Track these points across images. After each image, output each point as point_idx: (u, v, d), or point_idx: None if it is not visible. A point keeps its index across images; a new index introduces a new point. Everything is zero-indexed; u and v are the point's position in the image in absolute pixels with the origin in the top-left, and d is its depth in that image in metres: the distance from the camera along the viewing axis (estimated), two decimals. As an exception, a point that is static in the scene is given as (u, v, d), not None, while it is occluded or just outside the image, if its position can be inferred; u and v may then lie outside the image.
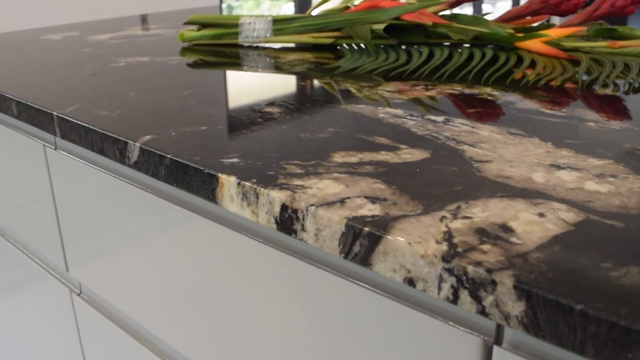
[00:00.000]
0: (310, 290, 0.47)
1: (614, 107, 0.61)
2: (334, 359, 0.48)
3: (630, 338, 0.29)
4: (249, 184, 0.45)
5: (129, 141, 0.55)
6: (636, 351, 0.29)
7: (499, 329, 0.38)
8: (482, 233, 0.37)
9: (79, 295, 0.81)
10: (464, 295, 0.34)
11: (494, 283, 0.33)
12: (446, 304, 0.40)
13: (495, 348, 0.37)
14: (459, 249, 0.35)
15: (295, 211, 0.42)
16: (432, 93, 0.66)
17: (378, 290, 0.42)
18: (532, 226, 0.37)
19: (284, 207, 0.42)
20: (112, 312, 0.77)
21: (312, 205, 0.41)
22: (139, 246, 0.64)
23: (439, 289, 0.35)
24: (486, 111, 0.60)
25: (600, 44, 0.80)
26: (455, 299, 0.35)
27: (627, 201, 0.41)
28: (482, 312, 0.34)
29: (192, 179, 0.50)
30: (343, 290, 0.44)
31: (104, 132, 0.58)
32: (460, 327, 0.39)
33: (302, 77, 0.76)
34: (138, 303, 0.68)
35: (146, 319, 0.68)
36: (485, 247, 0.35)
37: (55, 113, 0.64)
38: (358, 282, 0.43)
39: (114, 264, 0.70)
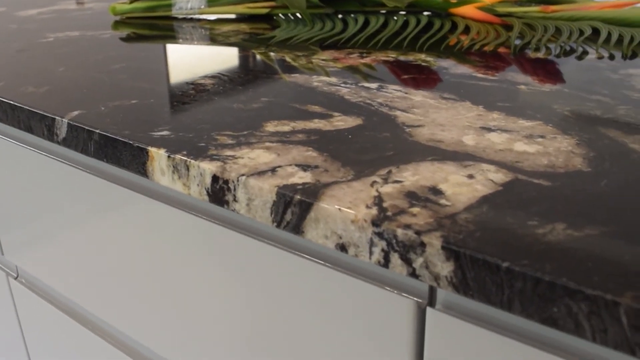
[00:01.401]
0: (246, 260, 0.47)
1: (545, 70, 0.62)
2: (271, 328, 0.47)
3: (555, 292, 0.30)
4: (179, 157, 0.44)
5: (57, 117, 0.53)
6: (561, 305, 0.30)
7: (432, 290, 0.38)
8: (412, 196, 0.37)
9: (15, 279, 0.79)
10: (395, 258, 0.34)
11: (423, 245, 0.33)
12: (382, 268, 0.40)
13: (429, 310, 0.37)
14: (389, 213, 0.35)
15: (226, 182, 0.41)
16: (366, 60, 0.66)
17: (314, 258, 0.42)
18: (462, 188, 0.38)
19: (215, 179, 0.42)
20: (50, 295, 0.75)
21: (242, 175, 0.40)
22: (74, 226, 0.63)
23: (370, 253, 0.35)
24: (420, 77, 0.60)
25: (533, 9, 0.81)
26: (386, 262, 0.35)
27: (555, 160, 0.41)
28: (413, 274, 0.34)
29: (122, 154, 0.48)
30: (278, 259, 0.44)
31: (30, 109, 0.56)
32: (394, 291, 0.39)
33: (236, 48, 0.75)
34: (76, 283, 0.67)
35: (85, 299, 0.67)
36: (415, 210, 0.35)
37: (-21, 91, 0.62)
38: (293, 251, 0.43)
39: (50, 244, 0.68)
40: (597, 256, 0.31)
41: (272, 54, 0.71)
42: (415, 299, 0.38)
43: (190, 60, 0.70)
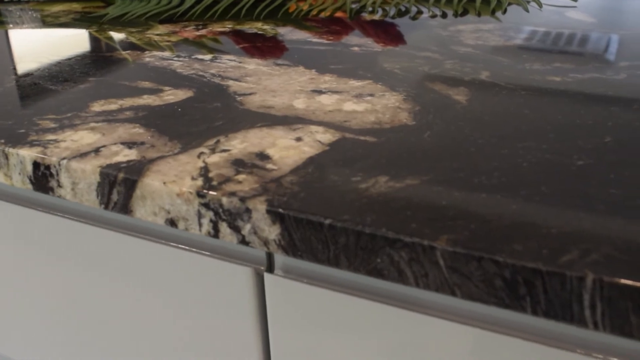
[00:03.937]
0: (81, 247, 0.45)
1: (380, 31, 0.63)
2: (115, 308, 0.46)
3: (377, 243, 0.30)
4: (-4, 145, 0.41)
5: None
6: (384, 255, 0.30)
7: (270, 256, 0.38)
8: (239, 164, 0.36)
9: None
10: (224, 227, 0.34)
11: (248, 211, 0.33)
12: (228, 240, 0.39)
13: (267, 275, 0.37)
14: (214, 183, 0.34)
15: (48, 167, 0.39)
16: (202, 32, 0.65)
17: (152, 238, 0.41)
18: (289, 151, 0.37)
19: (36, 165, 0.40)
20: None
21: (64, 158, 0.38)
22: None
23: (200, 225, 0.35)
24: (255, 45, 0.59)
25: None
26: (216, 232, 0.34)
27: (382, 117, 0.42)
28: (243, 241, 0.34)
29: (-64, 149, 0.45)
30: (113, 242, 0.43)
31: None
32: (233, 260, 0.38)
33: (66, 28, 0.71)
34: None
35: None
36: (241, 177, 0.35)
37: None
38: (129, 232, 0.42)
39: None
40: (416, 204, 0.32)
41: (104, 32, 0.68)
42: (254, 266, 0.38)
43: (15, 44, 0.66)
